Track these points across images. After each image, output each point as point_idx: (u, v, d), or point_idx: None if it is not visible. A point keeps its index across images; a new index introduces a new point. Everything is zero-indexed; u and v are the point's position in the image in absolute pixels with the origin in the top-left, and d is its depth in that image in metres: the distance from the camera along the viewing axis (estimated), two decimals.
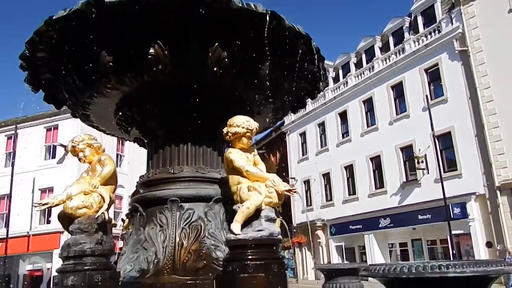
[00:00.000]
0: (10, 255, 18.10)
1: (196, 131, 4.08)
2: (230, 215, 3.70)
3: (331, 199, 25.04)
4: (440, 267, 1.90)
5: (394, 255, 21.20)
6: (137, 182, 4.26)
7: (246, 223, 3.34)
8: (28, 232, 20.36)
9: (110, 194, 3.62)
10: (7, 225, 18.02)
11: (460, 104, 17.86)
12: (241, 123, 3.60)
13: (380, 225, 20.50)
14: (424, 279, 1.90)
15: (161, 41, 3.47)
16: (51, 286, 17.50)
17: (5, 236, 17.51)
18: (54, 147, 21.54)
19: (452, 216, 16.33)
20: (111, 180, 3.69)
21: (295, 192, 3.46)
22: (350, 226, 22.67)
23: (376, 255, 20.86)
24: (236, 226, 3.29)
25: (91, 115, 4.33)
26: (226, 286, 3.13)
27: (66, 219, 3.50)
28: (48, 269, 18.96)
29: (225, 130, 3.61)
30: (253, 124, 3.65)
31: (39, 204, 3.41)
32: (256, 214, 3.36)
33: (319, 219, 24.72)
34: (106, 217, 3.58)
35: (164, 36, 3.48)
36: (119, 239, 4.23)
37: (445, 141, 18.52)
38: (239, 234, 3.27)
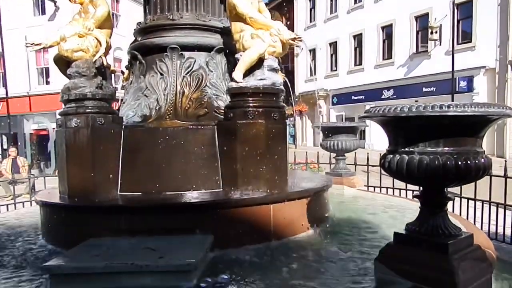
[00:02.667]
0: (14, 114, 18.58)
1: None
2: (232, 66, 3.61)
3: (336, 69, 24.72)
4: (441, 107, 1.87)
5: None
6: (134, 30, 4.06)
7: (248, 72, 3.27)
8: (28, 92, 20.61)
9: (106, 38, 3.47)
10: (4, 84, 18.02)
11: None
12: None
13: (382, 96, 20.59)
14: (423, 118, 1.89)
15: None
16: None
17: (4, 96, 17.69)
18: (43, 2, 20.34)
19: (457, 89, 16.26)
20: (106, 23, 3.50)
21: (300, 40, 3.29)
22: (353, 97, 22.84)
23: (375, 124, 21.44)
24: (238, 74, 3.23)
25: None
26: (226, 131, 3.21)
27: (63, 62, 3.42)
28: (53, 128, 19.65)
29: None
30: None
31: (31, 44, 3.28)
32: (258, 63, 3.27)
33: (322, 89, 24.81)
34: (104, 62, 3.49)
35: None
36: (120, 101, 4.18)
37: (464, 10, 17.33)
38: (240, 82, 3.23)
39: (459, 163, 1.93)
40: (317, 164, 8.01)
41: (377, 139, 18.73)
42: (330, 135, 5.52)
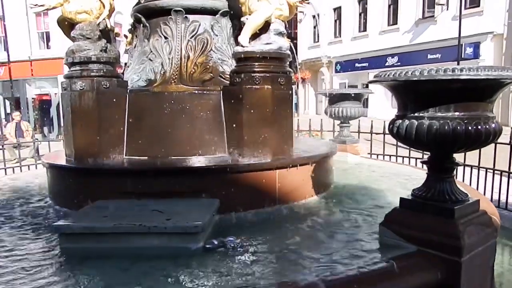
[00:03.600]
0: (16, 79, 18.46)
1: None
2: (237, 30, 3.53)
3: (339, 36, 24.25)
4: (453, 70, 1.84)
5: None
6: None
7: (255, 36, 3.20)
8: (29, 57, 20.37)
9: (109, 0, 3.38)
10: (6, 48, 17.76)
11: None
12: None
13: (387, 64, 20.31)
14: (435, 82, 1.86)
15: None
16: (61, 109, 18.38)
17: (5, 61, 17.47)
18: None
19: (462, 56, 16.00)
20: None
21: (307, 3, 3.20)
22: (356, 64, 22.55)
23: (378, 91, 21.27)
24: (244, 38, 3.16)
25: None
26: (232, 96, 3.18)
27: (67, 24, 3.36)
28: (55, 94, 19.50)
29: None
30: None
31: (35, 5, 3.20)
32: (265, 27, 3.19)
33: (325, 56, 24.43)
34: (108, 25, 3.42)
35: None
36: (124, 65, 4.11)
37: None
38: (246, 47, 3.17)
39: (470, 128, 1.92)
40: (320, 132, 7.98)
41: (379, 108, 18.64)
42: (334, 101, 5.48)
